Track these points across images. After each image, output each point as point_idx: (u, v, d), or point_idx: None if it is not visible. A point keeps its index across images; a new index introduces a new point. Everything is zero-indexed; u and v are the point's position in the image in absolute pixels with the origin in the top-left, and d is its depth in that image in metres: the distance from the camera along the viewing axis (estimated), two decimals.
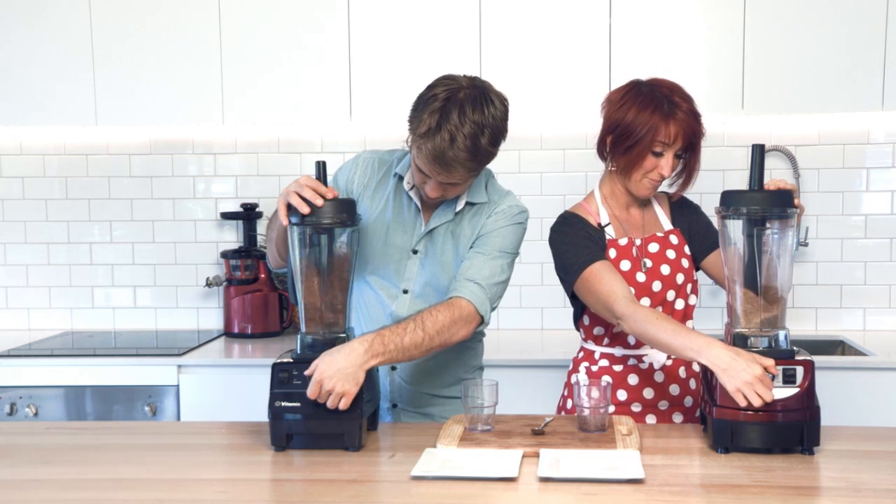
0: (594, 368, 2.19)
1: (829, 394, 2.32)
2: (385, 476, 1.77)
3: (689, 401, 2.19)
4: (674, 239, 2.21)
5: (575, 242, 2.12)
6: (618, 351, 2.18)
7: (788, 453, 1.81)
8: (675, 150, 2.09)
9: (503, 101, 1.96)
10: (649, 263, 2.15)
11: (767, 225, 1.87)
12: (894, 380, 2.89)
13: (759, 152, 1.88)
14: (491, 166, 2.18)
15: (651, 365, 2.17)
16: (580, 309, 2.22)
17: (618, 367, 2.18)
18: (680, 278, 2.17)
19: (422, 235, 2.13)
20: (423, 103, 1.93)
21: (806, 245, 3.40)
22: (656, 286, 2.14)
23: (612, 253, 2.15)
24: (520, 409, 2.19)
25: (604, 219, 2.18)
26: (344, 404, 1.84)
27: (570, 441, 1.87)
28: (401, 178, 2.14)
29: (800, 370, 1.81)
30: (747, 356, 1.80)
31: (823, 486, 1.67)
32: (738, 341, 1.87)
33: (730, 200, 1.88)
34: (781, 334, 1.86)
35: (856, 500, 1.57)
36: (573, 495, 1.60)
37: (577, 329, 2.28)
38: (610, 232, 2.17)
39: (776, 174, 3.31)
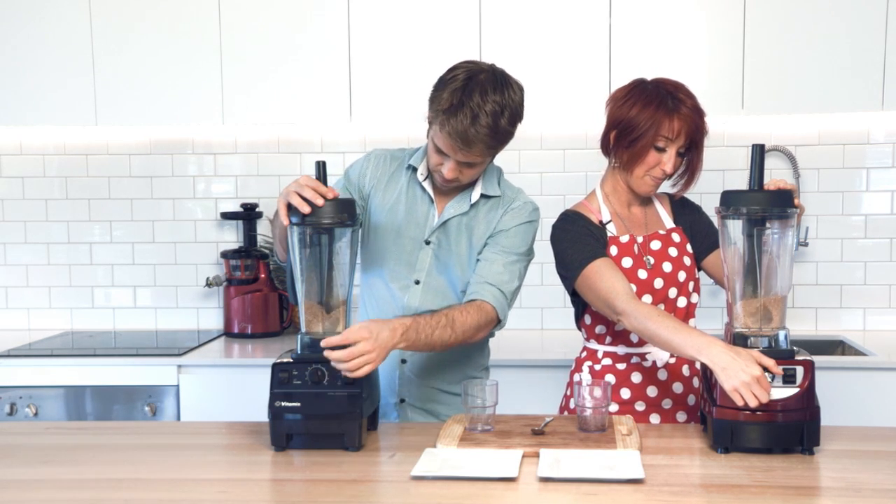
0: (597, 367, 2.19)
1: (829, 394, 2.32)
2: (385, 476, 1.77)
3: (692, 399, 2.19)
4: (676, 237, 2.21)
5: (576, 240, 2.12)
6: (620, 349, 2.18)
7: (788, 453, 1.81)
8: (678, 146, 2.09)
9: (520, 87, 2.03)
10: (652, 260, 2.15)
11: (767, 225, 1.87)
12: (894, 380, 2.89)
13: (759, 152, 1.87)
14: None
15: (654, 363, 2.17)
16: (581, 308, 2.22)
17: (621, 366, 2.18)
18: (682, 276, 2.17)
19: (435, 227, 2.14)
20: (445, 83, 1.98)
21: (806, 245, 3.40)
22: (658, 283, 2.14)
23: (614, 250, 2.15)
24: (520, 409, 2.19)
25: (605, 216, 2.18)
26: (363, 372, 1.82)
27: (570, 441, 1.87)
28: (415, 170, 2.16)
29: (800, 370, 1.81)
30: (747, 356, 1.79)
31: (823, 486, 1.67)
32: (738, 341, 1.87)
33: (730, 200, 1.88)
34: (781, 334, 1.86)
35: (856, 500, 1.57)
36: (573, 495, 1.60)
37: (579, 328, 2.27)
38: (611, 229, 2.17)
39: (776, 174, 3.31)
